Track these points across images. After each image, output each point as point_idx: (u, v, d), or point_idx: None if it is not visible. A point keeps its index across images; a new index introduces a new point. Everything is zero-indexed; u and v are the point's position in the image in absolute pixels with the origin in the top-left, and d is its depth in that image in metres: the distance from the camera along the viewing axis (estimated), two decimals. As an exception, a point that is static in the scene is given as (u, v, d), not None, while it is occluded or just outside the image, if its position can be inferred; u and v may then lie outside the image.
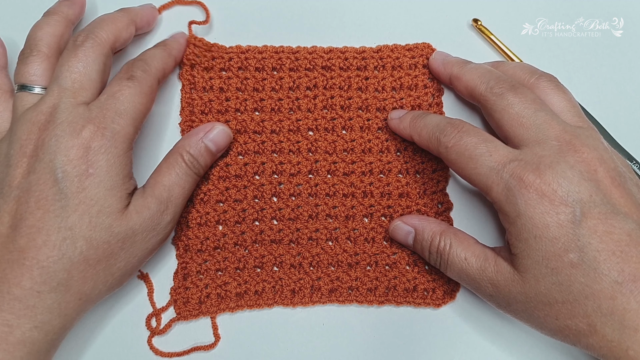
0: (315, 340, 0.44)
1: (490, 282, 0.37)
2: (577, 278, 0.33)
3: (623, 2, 0.50)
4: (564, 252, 0.33)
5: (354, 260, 0.44)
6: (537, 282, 0.34)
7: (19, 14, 0.49)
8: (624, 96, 0.48)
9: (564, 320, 0.34)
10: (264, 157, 0.45)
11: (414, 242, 0.42)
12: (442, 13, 0.50)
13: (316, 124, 0.45)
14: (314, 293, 0.44)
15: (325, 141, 0.45)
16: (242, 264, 0.44)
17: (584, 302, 0.33)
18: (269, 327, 0.44)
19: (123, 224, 0.37)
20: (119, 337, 0.43)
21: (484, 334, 0.44)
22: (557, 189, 0.34)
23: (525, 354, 0.43)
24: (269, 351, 0.43)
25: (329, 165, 0.45)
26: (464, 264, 0.38)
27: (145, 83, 0.40)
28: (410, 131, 0.42)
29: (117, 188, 0.37)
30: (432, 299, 0.43)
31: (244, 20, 0.49)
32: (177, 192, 0.40)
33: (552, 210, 0.34)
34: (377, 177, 0.45)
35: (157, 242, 0.40)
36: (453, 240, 0.39)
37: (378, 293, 0.44)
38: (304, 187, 0.44)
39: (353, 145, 0.45)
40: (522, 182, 0.34)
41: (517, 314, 0.37)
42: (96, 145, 0.36)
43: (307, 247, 0.44)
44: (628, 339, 0.32)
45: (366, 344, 0.43)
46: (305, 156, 0.45)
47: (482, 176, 0.36)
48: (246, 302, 0.44)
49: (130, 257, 0.38)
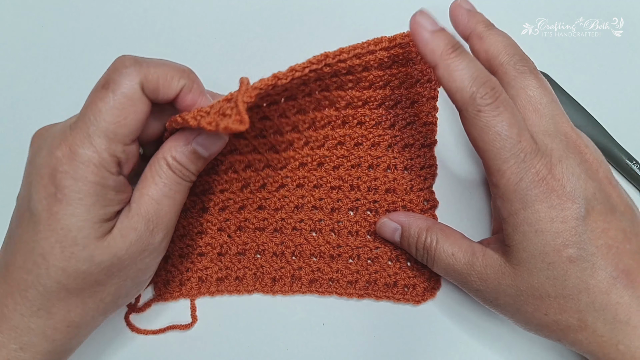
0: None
1: (478, 276, 0.37)
2: (573, 273, 0.33)
3: (623, 2, 0.50)
4: (563, 247, 0.33)
5: (336, 253, 0.44)
6: (531, 276, 0.34)
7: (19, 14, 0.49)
8: (624, 96, 0.48)
9: (553, 315, 0.34)
10: (255, 153, 0.43)
11: (400, 239, 0.42)
12: (442, 13, 0.50)
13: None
14: (295, 282, 0.44)
15: (317, 137, 0.44)
16: (225, 249, 0.44)
17: (578, 297, 0.33)
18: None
19: (106, 253, 0.33)
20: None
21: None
22: (566, 184, 0.34)
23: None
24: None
25: (320, 158, 0.44)
26: (451, 259, 0.38)
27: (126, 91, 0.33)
28: (438, 62, 0.35)
29: (94, 217, 0.32)
30: (411, 295, 0.43)
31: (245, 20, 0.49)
32: (166, 205, 0.35)
33: (559, 206, 0.33)
34: (365, 172, 0.44)
35: (152, 260, 0.36)
36: (439, 236, 0.39)
37: (358, 286, 0.44)
38: (293, 179, 0.44)
39: (345, 139, 0.44)
40: (536, 174, 0.34)
41: (503, 309, 0.37)
42: (65, 169, 0.32)
43: (291, 237, 0.44)
44: (619, 333, 0.33)
45: (367, 345, 0.44)
46: (295, 149, 0.44)
47: (501, 159, 0.34)
48: (226, 287, 0.44)
49: (123, 281, 0.35)
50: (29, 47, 0.49)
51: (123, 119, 0.32)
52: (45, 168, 0.32)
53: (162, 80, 0.33)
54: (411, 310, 0.44)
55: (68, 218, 0.32)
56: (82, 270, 0.32)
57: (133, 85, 0.32)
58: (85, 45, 0.49)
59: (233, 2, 0.50)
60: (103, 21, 0.50)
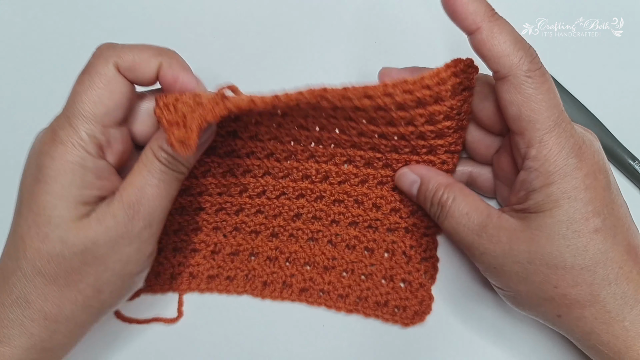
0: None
1: (489, 238, 0.35)
2: (595, 244, 0.33)
3: (623, 2, 0.50)
4: (592, 216, 0.33)
5: (331, 265, 0.44)
6: (550, 243, 0.33)
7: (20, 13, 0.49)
8: (624, 96, 0.48)
9: (563, 289, 0.33)
10: (255, 161, 0.42)
11: (418, 192, 0.40)
12: (442, 13, 0.49)
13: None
14: (285, 289, 0.44)
15: (323, 152, 0.42)
16: (218, 248, 0.44)
17: (594, 269, 0.33)
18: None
19: (80, 235, 0.32)
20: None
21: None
22: (595, 155, 0.34)
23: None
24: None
25: (325, 172, 0.43)
26: (465, 218, 0.36)
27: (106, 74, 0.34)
28: (481, 25, 0.33)
29: (69, 196, 0.33)
30: (400, 317, 0.43)
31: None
32: (149, 193, 0.34)
33: (592, 175, 0.33)
34: (372, 189, 0.43)
35: (132, 252, 0.34)
36: (457, 194, 0.38)
37: (348, 301, 0.43)
38: (295, 189, 0.43)
39: (355, 158, 0.42)
40: (575, 144, 0.34)
41: (507, 278, 0.35)
42: (45, 149, 0.33)
43: (286, 243, 0.44)
44: (626, 308, 0.33)
45: (367, 345, 0.43)
46: (301, 163, 0.43)
47: (546, 128, 0.33)
48: (216, 286, 0.44)
49: (102, 272, 0.34)
50: (29, 47, 0.49)
51: (98, 98, 0.33)
52: (32, 154, 0.34)
53: (138, 59, 0.34)
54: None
55: (43, 195, 0.32)
56: (55, 253, 0.32)
57: (107, 65, 0.33)
58: (85, 44, 0.48)
59: (233, 2, 0.49)
60: (103, 21, 0.50)
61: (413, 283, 0.43)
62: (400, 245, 0.43)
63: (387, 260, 0.43)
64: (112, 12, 0.50)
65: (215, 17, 0.49)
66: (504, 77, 0.34)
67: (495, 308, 0.43)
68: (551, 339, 0.42)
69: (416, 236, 0.43)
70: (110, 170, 0.35)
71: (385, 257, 0.43)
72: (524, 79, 0.33)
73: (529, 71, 0.33)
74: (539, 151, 0.33)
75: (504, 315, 0.43)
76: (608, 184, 0.34)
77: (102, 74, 0.33)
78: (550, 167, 0.33)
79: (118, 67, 0.34)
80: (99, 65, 0.33)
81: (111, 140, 0.34)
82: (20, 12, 0.50)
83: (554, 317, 0.35)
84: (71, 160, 0.32)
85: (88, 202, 0.33)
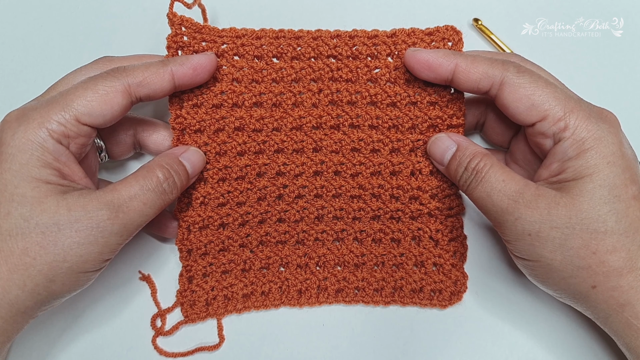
0: (316, 340, 0.43)
1: (526, 204, 0.35)
2: (634, 211, 0.34)
3: (623, 2, 0.51)
4: (630, 183, 0.34)
5: (361, 261, 0.44)
6: (592, 206, 0.34)
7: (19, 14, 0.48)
8: (624, 96, 0.49)
9: (602, 255, 0.34)
10: (265, 158, 0.42)
11: (451, 158, 0.40)
12: (442, 13, 0.50)
13: (321, 121, 0.42)
14: (321, 293, 0.44)
15: (331, 140, 0.43)
16: (248, 265, 0.43)
17: (633, 235, 0.34)
18: (273, 328, 0.43)
19: (43, 216, 0.33)
20: (120, 337, 0.42)
21: (484, 336, 0.44)
22: (619, 126, 0.37)
23: (525, 355, 0.44)
24: (272, 352, 0.43)
25: (336, 166, 0.43)
26: (501, 184, 0.36)
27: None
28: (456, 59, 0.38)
29: (29, 175, 0.33)
30: (438, 300, 0.44)
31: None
32: (135, 205, 0.35)
33: (626, 143, 0.36)
34: (387, 179, 0.43)
35: (96, 252, 0.34)
36: (495, 163, 0.38)
37: (384, 293, 0.44)
38: (310, 189, 0.43)
39: (361, 145, 0.43)
40: (600, 112, 0.36)
41: (543, 243, 0.35)
42: (8, 126, 0.34)
43: (314, 248, 0.44)
44: None
45: (367, 345, 0.44)
46: (309, 156, 0.43)
47: (563, 99, 0.36)
48: (253, 303, 0.43)
49: (59, 263, 0.33)
50: (29, 47, 0.48)
51: (92, 101, 0.35)
52: (1, 129, 0.35)
53: (149, 76, 0.37)
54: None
55: (4, 173, 0.33)
56: (15, 231, 0.32)
57: (116, 81, 0.36)
58: (85, 44, 0.49)
59: (233, 1, 0.48)
60: (103, 20, 0.49)
61: (445, 265, 0.44)
62: (426, 230, 0.44)
63: (415, 247, 0.44)
64: (112, 10, 0.50)
65: (215, 16, 0.48)
66: (499, 84, 0.37)
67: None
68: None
69: (440, 219, 0.44)
70: (70, 158, 0.35)
71: (412, 245, 0.44)
72: (518, 76, 0.36)
73: (518, 72, 0.36)
74: (568, 122, 0.35)
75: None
76: (635, 156, 0.36)
77: (108, 86, 0.35)
78: (583, 132, 0.35)
79: (129, 85, 0.36)
80: (108, 79, 0.36)
81: (80, 133, 0.35)
82: (20, 12, 0.49)
83: (588, 288, 0.35)
84: (31, 138, 0.33)
85: (49, 181, 0.34)
